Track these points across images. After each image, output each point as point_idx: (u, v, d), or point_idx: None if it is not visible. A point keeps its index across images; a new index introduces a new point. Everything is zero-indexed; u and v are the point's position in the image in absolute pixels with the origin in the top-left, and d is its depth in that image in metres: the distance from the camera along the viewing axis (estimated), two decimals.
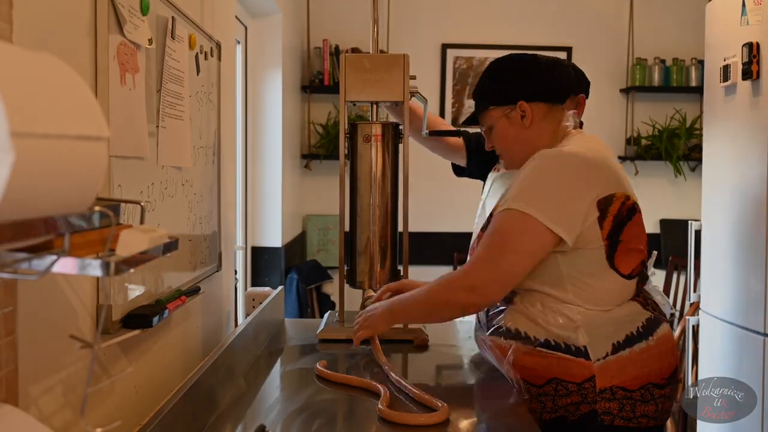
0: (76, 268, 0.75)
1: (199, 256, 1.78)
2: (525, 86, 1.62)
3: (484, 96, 1.68)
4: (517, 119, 1.62)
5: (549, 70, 1.63)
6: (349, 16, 4.63)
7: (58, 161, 0.67)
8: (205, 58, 1.81)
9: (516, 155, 1.64)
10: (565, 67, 1.66)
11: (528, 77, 1.63)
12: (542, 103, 1.61)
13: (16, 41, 0.93)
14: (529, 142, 1.61)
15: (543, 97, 1.62)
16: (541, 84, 1.62)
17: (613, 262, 1.50)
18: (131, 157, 1.30)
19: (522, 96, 1.61)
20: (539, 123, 1.61)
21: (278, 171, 3.88)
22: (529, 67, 1.64)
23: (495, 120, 1.65)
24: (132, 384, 1.34)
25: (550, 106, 1.62)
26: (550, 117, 1.62)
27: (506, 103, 1.62)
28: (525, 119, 1.61)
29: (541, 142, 1.60)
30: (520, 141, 1.63)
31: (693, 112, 4.82)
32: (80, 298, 1.12)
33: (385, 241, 2.00)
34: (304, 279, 4.06)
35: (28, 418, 0.86)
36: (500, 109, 1.64)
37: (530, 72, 1.63)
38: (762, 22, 2.51)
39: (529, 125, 1.61)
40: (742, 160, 2.66)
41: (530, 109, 1.61)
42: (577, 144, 1.56)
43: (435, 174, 4.84)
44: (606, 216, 1.48)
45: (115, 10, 1.22)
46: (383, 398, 1.37)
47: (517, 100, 1.61)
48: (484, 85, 1.69)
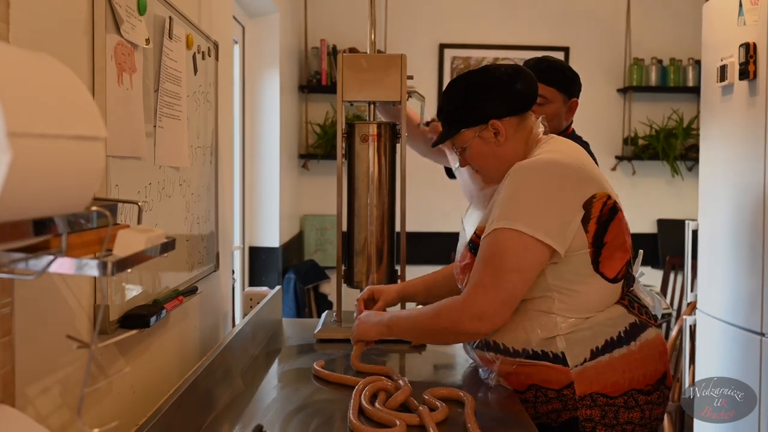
0: (73, 268, 0.75)
1: (196, 256, 1.78)
2: (493, 104, 1.57)
3: (453, 119, 1.62)
4: (491, 137, 1.58)
5: (512, 82, 1.58)
6: (346, 16, 4.63)
7: (56, 161, 0.67)
8: (202, 57, 1.81)
9: (493, 172, 1.62)
10: (527, 73, 1.61)
11: (495, 95, 1.58)
12: (513, 117, 1.58)
13: (13, 41, 0.93)
14: (504, 158, 1.58)
15: (513, 111, 1.58)
16: (509, 99, 1.58)
17: (598, 266, 1.48)
18: (128, 157, 1.30)
19: (492, 115, 1.57)
20: (512, 137, 1.58)
21: (276, 171, 3.88)
22: (493, 83, 1.58)
23: (467, 141, 1.60)
24: (129, 384, 1.34)
25: (520, 118, 1.59)
26: (521, 128, 1.60)
27: (477, 123, 1.58)
28: (499, 136, 1.57)
29: (516, 155, 1.58)
30: (496, 157, 1.59)
31: (690, 112, 4.83)
32: (77, 298, 1.12)
33: (383, 241, 2.00)
34: (301, 279, 4.05)
35: (25, 418, 0.86)
36: (471, 131, 1.59)
37: (496, 89, 1.58)
38: (759, 22, 2.52)
39: (503, 142, 1.58)
40: (739, 159, 2.66)
41: (503, 126, 1.57)
42: (549, 150, 1.54)
43: (433, 174, 4.84)
44: (589, 218, 1.47)
45: (113, 10, 1.22)
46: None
47: (488, 119, 1.57)
48: (450, 108, 1.63)
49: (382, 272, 2.01)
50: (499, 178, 1.57)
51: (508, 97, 1.58)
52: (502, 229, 1.45)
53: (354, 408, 1.34)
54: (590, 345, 1.46)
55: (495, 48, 4.74)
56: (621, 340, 1.47)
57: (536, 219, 1.44)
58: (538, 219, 1.44)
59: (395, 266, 2.05)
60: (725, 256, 2.72)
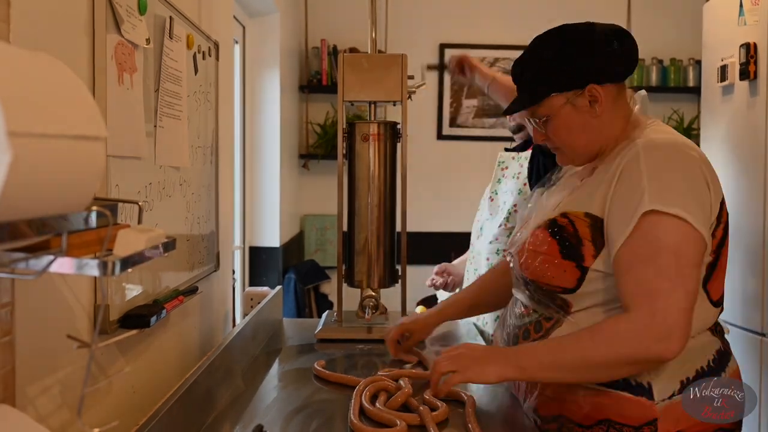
0: (73, 267, 0.75)
1: (196, 256, 1.78)
2: (594, 65, 1.31)
3: (541, 80, 1.34)
4: (585, 106, 1.31)
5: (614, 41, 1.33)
6: (347, 16, 4.63)
7: (56, 161, 0.67)
8: (203, 57, 1.81)
9: (581, 149, 1.36)
10: (628, 35, 1.37)
11: (596, 53, 1.31)
12: (612, 85, 1.33)
13: (13, 41, 0.93)
14: (598, 133, 1.33)
15: (614, 77, 1.33)
16: (612, 60, 1.32)
17: (707, 283, 1.26)
18: (129, 156, 1.30)
19: (591, 77, 1.30)
20: (611, 108, 1.33)
21: (276, 171, 3.88)
22: (593, 40, 1.32)
23: (556, 109, 1.32)
24: (129, 384, 1.34)
25: (619, 87, 1.35)
26: (620, 99, 1.35)
27: (571, 87, 1.31)
28: (596, 105, 1.31)
29: (613, 131, 1.33)
30: (589, 132, 1.33)
31: (690, 112, 4.83)
32: (77, 298, 1.12)
33: (383, 240, 2.00)
34: (302, 279, 4.05)
35: (25, 418, 0.86)
36: (563, 96, 1.32)
37: (597, 46, 1.31)
38: (759, 22, 2.52)
39: (600, 112, 1.31)
40: (739, 159, 2.66)
41: (602, 93, 1.31)
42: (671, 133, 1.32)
43: (433, 174, 4.86)
44: (719, 223, 1.25)
45: (113, 10, 1.22)
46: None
47: (586, 83, 1.30)
48: (538, 66, 1.35)
49: (382, 272, 2.00)
50: (586, 158, 1.36)
51: (611, 57, 1.32)
52: (660, 214, 1.17)
53: (355, 408, 1.34)
54: (680, 376, 1.24)
55: (495, 48, 4.74)
56: (712, 371, 1.26)
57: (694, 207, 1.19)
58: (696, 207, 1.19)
59: (395, 266, 2.05)
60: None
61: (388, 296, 2.06)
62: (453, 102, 4.82)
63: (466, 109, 4.84)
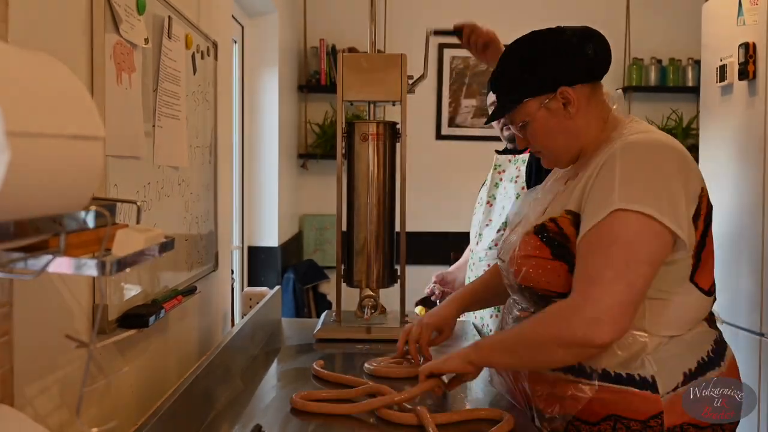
0: (71, 267, 0.75)
1: (195, 255, 1.78)
2: (564, 68, 1.34)
3: (513, 87, 1.38)
4: (559, 109, 1.34)
5: (582, 44, 1.35)
6: (345, 16, 4.63)
7: (54, 161, 0.67)
8: (201, 57, 1.81)
9: (561, 151, 1.39)
10: (599, 36, 1.39)
11: (565, 56, 1.34)
12: (585, 85, 1.35)
13: (11, 40, 0.92)
14: (575, 133, 1.36)
15: (585, 77, 1.35)
16: (581, 61, 1.35)
17: (694, 274, 1.27)
18: (127, 156, 1.30)
19: (562, 80, 1.33)
20: (585, 108, 1.35)
21: (275, 170, 3.88)
22: (562, 44, 1.36)
23: (531, 114, 1.36)
24: (128, 384, 1.33)
25: (592, 86, 1.37)
26: (594, 99, 1.37)
27: (543, 92, 1.34)
28: (569, 107, 1.34)
29: (589, 131, 1.36)
30: (566, 133, 1.36)
31: (689, 112, 4.83)
32: (76, 298, 1.12)
33: (383, 240, 2.00)
34: (300, 279, 4.05)
35: (23, 417, 0.86)
36: (536, 101, 1.35)
37: (566, 49, 1.35)
38: (758, 22, 2.52)
39: (574, 113, 1.34)
40: (738, 159, 2.66)
41: (574, 94, 1.33)
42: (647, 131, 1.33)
43: (432, 173, 4.85)
44: (699, 214, 1.26)
45: (111, 10, 1.22)
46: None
47: (557, 86, 1.33)
48: (510, 74, 1.39)
49: (381, 272, 2.00)
50: (568, 160, 1.39)
51: (580, 59, 1.35)
52: (625, 211, 1.19)
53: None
54: (682, 367, 1.25)
55: None
56: (712, 361, 1.28)
57: (663, 204, 1.20)
58: (665, 204, 1.21)
59: (394, 266, 2.05)
60: (724, 257, 2.72)
61: (387, 296, 2.06)
62: (452, 102, 4.82)
63: (465, 109, 4.84)
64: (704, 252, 1.28)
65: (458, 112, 4.83)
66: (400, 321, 2.00)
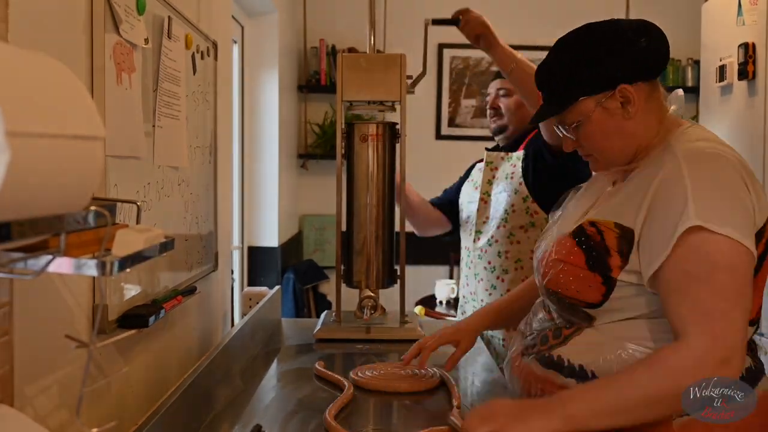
0: (71, 267, 0.75)
1: (195, 255, 1.78)
2: (623, 64, 1.25)
3: (567, 84, 1.28)
4: (617, 108, 1.25)
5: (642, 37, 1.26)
6: (345, 16, 4.63)
7: (54, 161, 0.67)
8: (201, 57, 1.81)
9: (616, 155, 1.29)
10: (656, 29, 1.30)
11: (624, 51, 1.25)
12: (644, 83, 1.26)
13: (11, 41, 0.93)
14: (633, 136, 1.26)
15: (645, 75, 1.26)
16: (641, 58, 1.25)
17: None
18: (127, 156, 1.30)
19: (622, 77, 1.24)
20: (643, 108, 1.26)
21: (275, 171, 3.88)
22: (621, 37, 1.26)
23: (587, 113, 1.26)
24: (128, 384, 1.34)
25: (652, 85, 1.28)
26: (653, 98, 1.28)
27: (601, 89, 1.25)
28: (629, 106, 1.24)
29: (648, 133, 1.27)
30: (622, 135, 1.26)
31: (689, 112, 4.82)
32: (76, 298, 1.12)
33: (382, 240, 2.00)
34: (300, 279, 4.06)
35: (23, 418, 0.86)
36: (593, 99, 1.25)
37: (625, 44, 1.25)
38: (758, 22, 2.52)
39: (634, 113, 1.25)
40: None
41: (634, 93, 1.24)
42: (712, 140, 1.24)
43: (432, 173, 4.84)
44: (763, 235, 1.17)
45: (111, 10, 1.22)
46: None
47: (617, 83, 1.24)
48: (563, 69, 1.29)
49: (381, 272, 2.00)
50: (621, 164, 1.29)
51: (639, 55, 1.25)
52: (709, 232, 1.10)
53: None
54: None
55: None
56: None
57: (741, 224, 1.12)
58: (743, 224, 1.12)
59: (394, 266, 2.05)
60: None
61: (387, 296, 2.06)
62: (451, 102, 4.83)
63: (464, 109, 4.84)
64: (759, 276, 1.18)
65: (458, 112, 4.83)
66: (399, 321, 2.00)
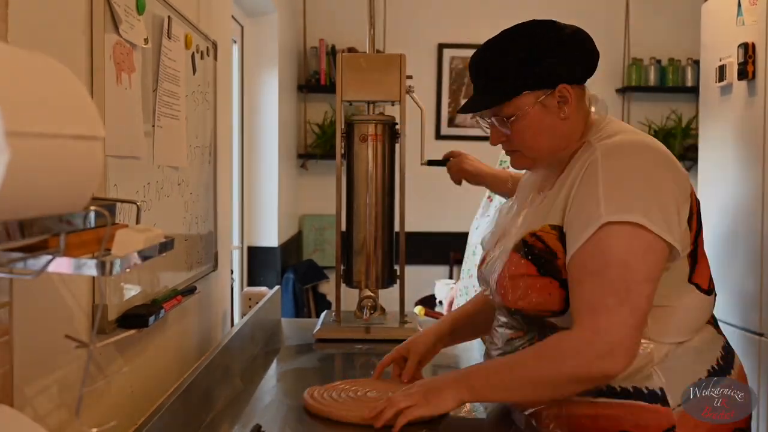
0: (71, 267, 0.75)
1: (195, 255, 1.78)
2: (566, 65, 1.27)
3: (510, 77, 1.27)
4: (554, 107, 1.27)
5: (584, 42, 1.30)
6: (345, 16, 4.63)
7: (54, 161, 0.67)
8: (201, 57, 1.81)
9: (543, 153, 1.31)
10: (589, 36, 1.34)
11: (566, 53, 1.28)
12: (578, 86, 1.29)
13: (11, 41, 0.92)
14: (562, 136, 1.29)
15: (580, 78, 1.30)
16: (581, 61, 1.29)
17: (692, 275, 1.23)
18: (127, 156, 1.30)
19: (562, 77, 1.26)
20: (576, 109, 1.28)
21: (275, 171, 3.88)
22: (564, 39, 1.29)
23: (524, 108, 1.26)
24: (128, 384, 1.33)
25: (582, 89, 1.31)
26: (583, 101, 1.31)
27: (543, 86, 1.26)
28: (565, 106, 1.26)
29: (574, 133, 1.29)
30: (554, 134, 1.28)
31: (689, 112, 4.83)
32: (76, 298, 1.12)
33: (382, 240, 2.00)
34: (300, 279, 4.06)
35: (23, 418, 0.86)
36: (533, 95, 1.26)
37: (568, 46, 1.28)
38: (758, 22, 2.52)
39: (568, 114, 1.27)
40: (737, 160, 2.66)
41: (573, 94, 1.27)
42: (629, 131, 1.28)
43: (431, 173, 4.84)
44: (692, 215, 1.22)
45: (111, 10, 1.22)
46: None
47: (558, 82, 1.26)
48: (507, 62, 1.28)
49: (380, 272, 2.00)
50: (545, 162, 1.32)
51: (578, 59, 1.29)
52: (614, 224, 1.13)
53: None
54: (693, 377, 1.21)
55: None
56: (722, 369, 1.23)
57: (653, 210, 1.14)
58: (655, 210, 1.15)
59: (394, 266, 2.05)
60: (724, 257, 2.72)
61: (387, 296, 2.06)
62: (451, 102, 4.83)
63: None
64: (698, 251, 1.24)
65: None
66: (399, 321, 2.00)
